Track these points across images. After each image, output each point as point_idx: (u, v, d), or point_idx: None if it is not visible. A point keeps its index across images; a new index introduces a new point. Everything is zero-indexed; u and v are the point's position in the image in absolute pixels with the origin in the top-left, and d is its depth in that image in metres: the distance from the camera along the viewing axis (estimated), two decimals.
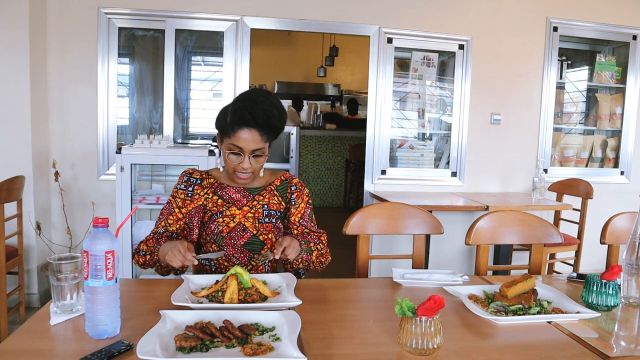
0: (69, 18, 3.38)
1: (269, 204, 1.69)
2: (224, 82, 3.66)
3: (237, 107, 1.59)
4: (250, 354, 1.02)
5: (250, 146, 1.58)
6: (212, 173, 1.74)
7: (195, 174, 1.71)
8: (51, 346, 1.09)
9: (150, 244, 1.60)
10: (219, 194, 1.68)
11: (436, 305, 1.06)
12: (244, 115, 1.56)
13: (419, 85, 4.00)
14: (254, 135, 1.57)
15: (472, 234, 1.85)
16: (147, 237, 1.64)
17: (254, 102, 1.59)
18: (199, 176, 1.70)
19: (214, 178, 1.71)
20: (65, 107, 3.44)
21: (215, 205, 1.66)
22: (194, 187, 1.68)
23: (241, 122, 1.56)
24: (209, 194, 1.67)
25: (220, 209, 1.65)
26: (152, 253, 1.59)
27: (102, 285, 1.10)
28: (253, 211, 1.66)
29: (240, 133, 1.57)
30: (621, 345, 1.20)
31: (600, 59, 4.25)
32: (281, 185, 1.74)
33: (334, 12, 3.70)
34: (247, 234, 1.65)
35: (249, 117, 1.56)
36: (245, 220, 1.65)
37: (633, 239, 1.46)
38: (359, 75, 9.05)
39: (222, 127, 1.62)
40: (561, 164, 4.30)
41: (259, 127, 1.57)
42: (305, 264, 1.65)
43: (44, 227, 3.32)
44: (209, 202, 1.66)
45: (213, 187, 1.69)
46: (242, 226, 1.64)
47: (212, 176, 1.72)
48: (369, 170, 3.90)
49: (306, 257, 1.64)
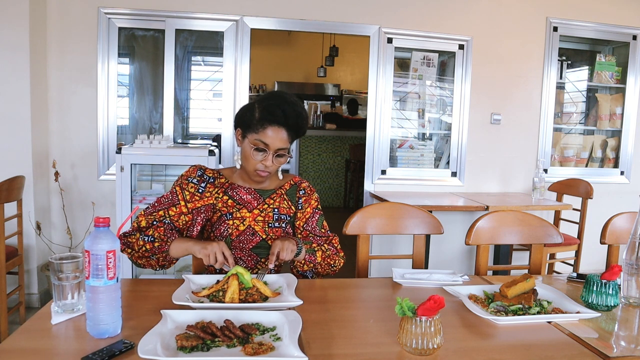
0: (69, 18, 3.38)
1: (279, 207, 1.67)
2: (224, 82, 3.66)
3: (268, 104, 1.57)
4: (251, 353, 1.02)
5: (277, 144, 1.56)
6: (223, 173, 1.71)
7: (209, 171, 1.68)
8: (52, 345, 1.09)
9: (161, 231, 1.51)
10: (230, 194, 1.65)
11: (436, 305, 1.06)
12: (276, 112, 1.54)
13: (419, 85, 4.00)
14: (282, 134, 1.56)
15: (472, 234, 1.85)
16: (156, 225, 1.54)
17: (286, 102, 1.58)
18: (211, 174, 1.67)
19: (225, 178, 1.69)
20: (65, 107, 3.44)
21: (225, 205, 1.63)
22: (207, 185, 1.64)
23: (272, 118, 1.54)
24: (219, 194, 1.65)
25: (230, 210, 1.63)
26: (162, 242, 1.50)
27: (104, 284, 1.10)
28: (263, 215, 1.65)
29: (269, 130, 1.54)
30: (621, 345, 1.20)
31: (600, 59, 4.25)
32: (290, 189, 1.73)
33: (334, 12, 3.70)
34: (256, 238, 1.63)
35: (282, 114, 1.54)
36: (255, 223, 1.63)
37: (633, 239, 1.46)
38: (359, 75, 9.04)
39: (249, 123, 1.58)
40: (561, 164, 4.30)
41: (289, 127, 1.56)
42: (310, 265, 1.63)
43: (44, 227, 3.32)
44: (219, 201, 1.64)
45: (224, 187, 1.66)
46: (252, 230, 1.63)
47: (223, 176, 1.69)
48: (369, 170, 3.90)
49: (309, 258, 1.62)
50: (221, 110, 3.70)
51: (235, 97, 3.64)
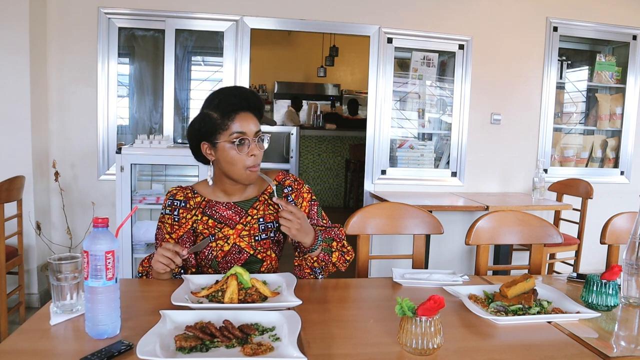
0: (69, 18, 3.38)
1: (264, 216, 1.59)
2: (224, 82, 3.66)
3: (219, 100, 1.51)
4: (250, 354, 1.02)
5: (252, 128, 1.50)
6: (198, 190, 1.62)
7: (179, 195, 1.60)
8: (51, 346, 1.09)
9: (145, 264, 1.59)
10: (209, 213, 1.57)
11: (436, 305, 1.06)
12: (231, 100, 1.50)
13: (419, 85, 4.00)
14: (250, 116, 1.51)
15: (472, 234, 1.85)
16: (144, 258, 1.61)
17: (234, 89, 1.55)
18: (182, 197, 1.59)
19: (201, 196, 1.60)
20: (65, 107, 3.44)
21: (206, 226, 1.56)
22: (179, 211, 1.58)
23: (233, 107, 1.49)
24: (197, 215, 1.57)
25: (212, 230, 1.56)
26: (149, 273, 1.57)
27: (102, 285, 1.10)
28: (248, 228, 1.57)
29: (236, 119, 1.48)
30: (621, 345, 1.20)
31: (600, 59, 4.25)
32: (276, 191, 1.56)
33: (334, 12, 3.70)
34: (243, 255, 1.56)
35: (237, 100, 1.50)
36: (240, 239, 1.56)
37: (633, 239, 1.46)
38: (359, 75, 9.05)
39: (212, 129, 1.49)
40: (561, 164, 4.30)
41: (251, 108, 1.52)
42: (322, 264, 1.55)
43: (44, 227, 3.32)
44: (199, 224, 1.57)
45: (201, 207, 1.58)
46: (238, 247, 1.56)
47: (198, 194, 1.60)
48: (369, 170, 3.90)
49: (323, 257, 1.55)
50: None
51: None
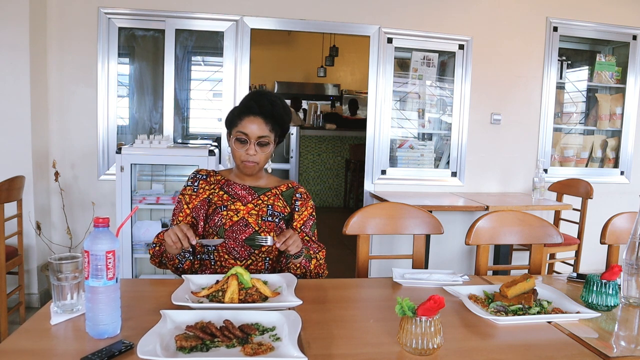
0: (69, 18, 3.38)
1: (273, 205, 1.73)
2: (224, 82, 3.66)
3: (245, 100, 1.73)
4: (250, 353, 1.02)
5: (256, 132, 1.66)
6: (221, 172, 1.82)
7: (202, 171, 1.80)
8: (51, 346, 1.09)
9: (161, 236, 1.68)
10: (225, 189, 1.74)
11: (436, 305, 1.06)
12: (249, 104, 1.68)
13: (419, 85, 4.00)
14: (259, 122, 1.66)
15: (472, 234, 1.85)
16: (160, 232, 1.72)
17: (259, 94, 1.72)
18: (205, 173, 1.79)
19: (222, 176, 1.80)
20: (65, 107, 3.44)
21: (220, 199, 1.71)
22: (199, 182, 1.75)
23: (247, 110, 1.67)
24: (215, 189, 1.74)
25: (225, 202, 1.70)
26: (162, 244, 1.66)
27: (103, 285, 1.10)
28: (257, 209, 1.70)
29: (246, 120, 1.66)
30: (621, 345, 1.20)
31: (600, 59, 4.25)
32: (287, 191, 1.78)
33: (334, 12, 3.70)
34: (249, 229, 1.67)
35: (255, 105, 1.67)
36: (249, 216, 1.69)
37: (633, 239, 1.46)
38: (359, 75, 9.05)
39: (231, 121, 1.71)
40: (561, 164, 4.30)
41: (264, 115, 1.67)
42: (302, 270, 1.66)
43: (44, 227, 3.32)
44: (215, 196, 1.72)
45: (220, 184, 1.76)
46: (245, 221, 1.68)
47: (219, 174, 1.80)
48: (369, 170, 3.90)
49: (304, 264, 1.66)
50: (221, 110, 3.70)
51: (235, 97, 3.64)
